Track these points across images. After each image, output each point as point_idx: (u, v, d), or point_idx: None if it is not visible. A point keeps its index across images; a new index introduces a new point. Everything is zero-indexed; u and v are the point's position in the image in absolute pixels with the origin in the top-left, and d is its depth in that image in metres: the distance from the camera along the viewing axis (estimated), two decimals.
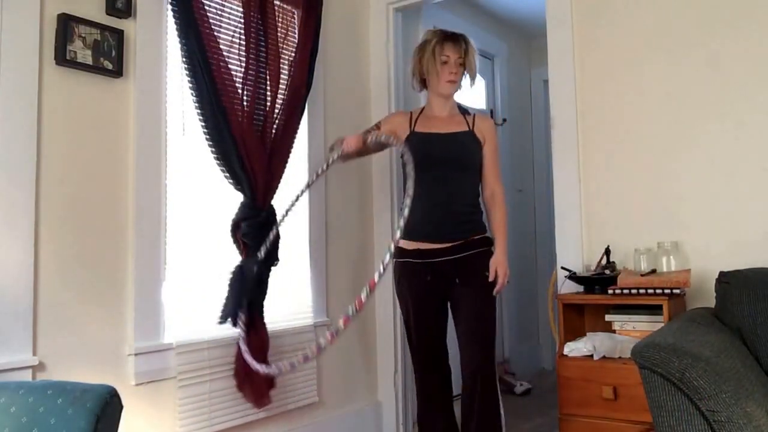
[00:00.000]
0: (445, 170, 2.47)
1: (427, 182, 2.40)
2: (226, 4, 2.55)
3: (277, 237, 2.57)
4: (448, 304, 2.54)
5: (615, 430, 2.21)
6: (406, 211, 2.00)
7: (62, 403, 1.46)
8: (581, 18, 2.79)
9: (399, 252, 2.50)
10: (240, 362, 2.48)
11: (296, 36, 2.81)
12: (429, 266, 2.47)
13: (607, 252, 2.54)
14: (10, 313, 1.91)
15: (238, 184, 2.49)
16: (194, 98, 2.39)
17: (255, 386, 2.50)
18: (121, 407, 1.54)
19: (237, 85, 2.50)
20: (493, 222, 2.55)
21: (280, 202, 2.65)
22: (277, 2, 2.73)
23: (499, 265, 2.44)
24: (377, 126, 2.63)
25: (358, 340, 3.19)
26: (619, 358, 2.27)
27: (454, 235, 2.46)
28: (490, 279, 2.43)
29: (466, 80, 2.60)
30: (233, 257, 2.56)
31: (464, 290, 2.45)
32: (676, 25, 2.57)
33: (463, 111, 2.65)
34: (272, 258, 2.55)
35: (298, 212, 2.90)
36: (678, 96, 2.54)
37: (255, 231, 2.48)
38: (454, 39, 2.52)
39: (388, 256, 1.89)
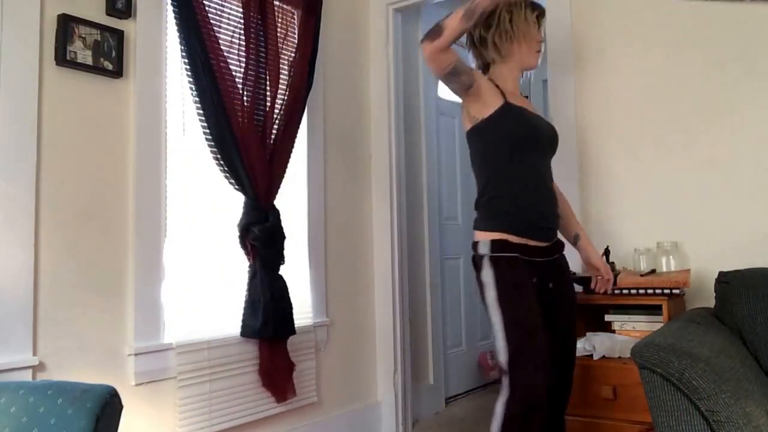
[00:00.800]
0: (544, 155, 2.10)
1: (528, 167, 2.04)
2: (225, 4, 2.55)
3: (283, 237, 2.59)
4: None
5: (615, 430, 2.21)
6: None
7: (62, 403, 1.46)
8: (581, 18, 2.79)
9: (501, 245, 1.99)
10: (264, 358, 2.55)
11: (296, 36, 2.81)
12: (534, 267, 2.03)
13: (607, 252, 2.54)
14: (10, 313, 1.91)
15: (239, 184, 2.50)
16: (195, 98, 2.39)
17: (278, 382, 2.59)
18: (121, 407, 1.54)
19: (237, 85, 2.51)
20: (572, 215, 2.26)
21: (281, 202, 2.66)
22: (277, 2, 2.73)
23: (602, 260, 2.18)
24: (472, 70, 2.04)
25: (357, 340, 3.19)
26: (619, 358, 2.27)
27: (552, 232, 2.08)
28: (606, 278, 2.18)
29: None
30: (234, 258, 2.58)
31: (559, 299, 2.08)
32: (675, 25, 2.57)
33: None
34: (279, 258, 2.59)
35: (297, 212, 2.91)
36: (677, 95, 2.54)
37: (267, 235, 2.50)
38: (540, 8, 2.13)
39: None
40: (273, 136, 2.65)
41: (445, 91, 3.90)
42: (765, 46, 2.39)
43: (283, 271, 2.63)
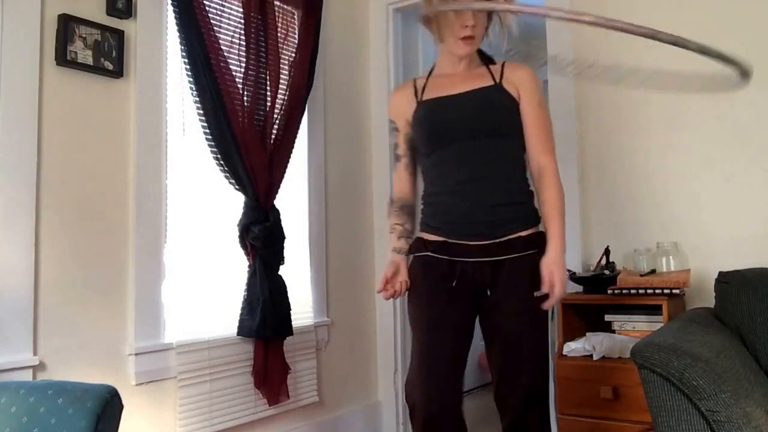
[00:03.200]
0: (469, 142, 1.84)
1: (444, 161, 1.87)
2: (226, 4, 2.55)
3: (283, 237, 2.60)
4: (476, 323, 1.90)
5: (614, 430, 2.21)
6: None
7: (63, 403, 1.46)
8: None
9: (417, 245, 1.91)
10: (259, 359, 2.53)
11: (296, 36, 2.81)
12: (456, 267, 1.84)
13: (607, 252, 2.54)
14: (11, 313, 1.91)
15: (239, 184, 2.50)
16: (196, 98, 2.39)
17: (271, 383, 2.56)
18: (122, 407, 1.54)
19: (238, 85, 2.51)
20: (543, 207, 1.84)
21: (282, 202, 2.67)
22: (277, 2, 2.73)
23: (554, 268, 1.74)
24: (396, 129, 2.00)
25: (358, 340, 3.19)
26: (619, 358, 2.27)
27: (488, 230, 1.82)
28: (544, 289, 1.75)
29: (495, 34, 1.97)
30: (234, 258, 2.58)
31: (501, 306, 1.82)
32: (674, 25, 2.57)
33: (488, 60, 2.01)
34: (279, 259, 2.59)
35: (298, 212, 2.91)
36: (677, 96, 2.54)
37: (266, 235, 2.50)
38: None
39: None
40: (273, 136, 2.65)
41: None
42: (765, 45, 2.39)
43: (284, 271, 2.63)
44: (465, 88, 1.89)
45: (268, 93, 2.65)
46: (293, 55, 2.78)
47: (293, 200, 2.88)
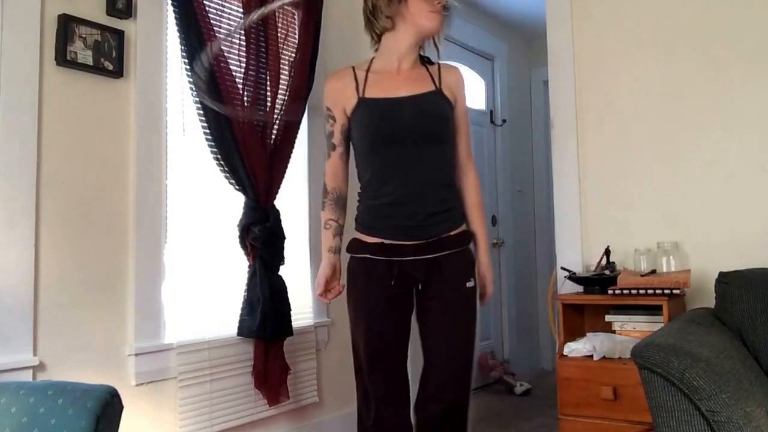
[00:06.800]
0: (411, 146, 1.86)
1: (387, 162, 1.89)
2: (226, 4, 2.55)
3: (283, 237, 2.60)
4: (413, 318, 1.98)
5: (615, 430, 2.21)
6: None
7: (63, 404, 1.46)
8: (581, 18, 2.79)
9: (356, 246, 1.96)
10: (259, 359, 2.52)
11: (296, 36, 2.81)
12: (394, 266, 1.88)
13: (607, 252, 2.54)
14: (11, 313, 1.91)
15: (239, 184, 2.50)
16: (195, 98, 2.39)
17: (271, 384, 2.56)
18: (122, 407, 1.54)
19: (238, 85, 2.51)
20: (470, 211, 1.99)
21: (282, 202, 2.66)
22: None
23: (486, 270, 1.99)
24: (332, 118, 1.95)
25: None
26: (619, 358, 2.27)
27: (422, 232, 1.87)
28: (485, 292, 2.00)
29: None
30: (234, 258, 2.58)
31: (436, 300, 1.90)
32: (675, 25, 2.57)
33: (425, 61, 1.99)
34: (279, 259, 2.58)
35: (298, 212, 2.91)
36: (677, 96, 2.54)
37: (266, 235, 2.50)
38: None
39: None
40: (273, 137, 2.65)
41: None
42: (764, 45, 2.39)
43: (284, 271, 2.63)
44: (409, 92, 1.90)
45: (268, 93, 2.65)
46: (293, 55, 2.78)
47: (293, 200, 2.88)
